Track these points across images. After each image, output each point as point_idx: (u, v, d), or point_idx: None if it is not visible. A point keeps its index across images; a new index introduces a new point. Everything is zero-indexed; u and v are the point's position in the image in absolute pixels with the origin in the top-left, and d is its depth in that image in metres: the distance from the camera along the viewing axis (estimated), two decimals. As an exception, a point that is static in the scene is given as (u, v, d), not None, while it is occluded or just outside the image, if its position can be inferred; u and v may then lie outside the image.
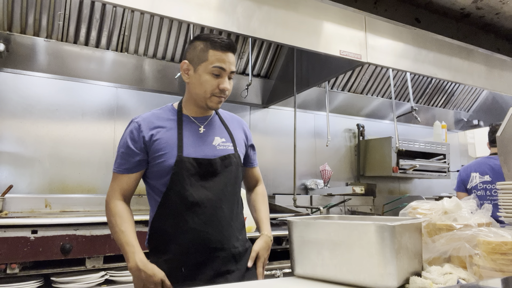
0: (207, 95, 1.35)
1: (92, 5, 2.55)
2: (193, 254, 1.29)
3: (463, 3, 1.77)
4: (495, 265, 0.98)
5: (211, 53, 1.32)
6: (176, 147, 1.33)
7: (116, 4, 1.63)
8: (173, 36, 2.89)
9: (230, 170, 1.39)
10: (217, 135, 1.44)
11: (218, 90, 1.34)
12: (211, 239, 1.29)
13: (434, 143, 4.01)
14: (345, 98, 3.96)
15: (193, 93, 1.38)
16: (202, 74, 1.33)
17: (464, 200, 1.25)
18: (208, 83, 1.33)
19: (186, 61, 1.38)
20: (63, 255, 1.85)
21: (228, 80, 1.36)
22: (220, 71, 1.33)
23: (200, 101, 1.38)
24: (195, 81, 1.36)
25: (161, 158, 1.32)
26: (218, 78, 1.34)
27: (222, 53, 1.33)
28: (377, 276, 0.94)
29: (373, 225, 0.96)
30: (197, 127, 1.42)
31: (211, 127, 1.45)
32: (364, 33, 2.28)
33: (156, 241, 1.35)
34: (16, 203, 2.42)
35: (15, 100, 2.56)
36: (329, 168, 3.64)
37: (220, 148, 1.42)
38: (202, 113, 1.44)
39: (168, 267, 1.28)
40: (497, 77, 2.86)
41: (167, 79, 3.02)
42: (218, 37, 1.34)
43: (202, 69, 1.33)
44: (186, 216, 1.29)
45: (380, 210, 3.75)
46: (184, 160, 1.31)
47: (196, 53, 1.35)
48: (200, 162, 1.34)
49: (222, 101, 1.39)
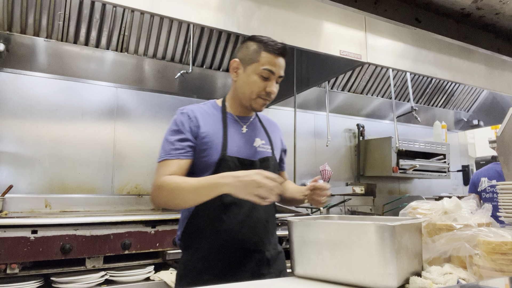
0: (253, 96, 1.36)
1: (92, 5, 2.55)
2: (228, 254, 1.29)
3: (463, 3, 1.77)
4: (495, 265, 0.98)
5: (264, 55, 1.33)
6: (221, 144, 1.33)
7: (116, 4, 1.63)
8: (173, 36, 2.89)
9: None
10: (258, 136, 1.46)
11: (265, 93, 1.35)
12: (245, 240, 1.30)
13: (434, 143, 4.01)
14: (345, 98, 3.96)
15: (239, 92, 1.39)
16: (251, 74, 1.34)
17: (464, 200, 1.26)
18: (256, 84, 1.34)
19: (236, 60, 1.39)
20: (63, 255, 1.85)
21: (275, 84, 1.37)
22: (269, 74, 1.33)
23: (245, 101, 1.38)
24: (243, 81, 1.37)
25: (205, 153, 1.32)
26: (266, 81, 1.34)
27: (274, 56, 1.33)
28: (377, 276, 0.94)
29: (373, 225, 0.96)
30: (240, 126, 1.43)
31: (253, 128, 1.46)
32: (364, 33, 2.28)
33: (191, 239, 1.34)
34: (16, 203, 2.42)
35: (15, 100, 2.56)
36: (329, 168, 3.64)
37: (260, 150, 1.43)
38: (245, 113, 1.45)
39: (202, 265, 1.29)
40: (497, 77, 2.86)
41: (167, 79, 3.02)
42: (272, 40, 1.35)
43: (252, 69, 1.34)
44: (222, 215, 1.29)
45: (380, 210, 3.75)
46: (227, 159, 1.31)
47: (248, 53, 1.36)
48: (242, 162, 1.34)
49: (266, 104, 1.40)
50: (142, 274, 2.04)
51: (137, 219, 2.08)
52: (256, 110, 1.41)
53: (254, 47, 1.35)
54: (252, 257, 1.31)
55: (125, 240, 2.01)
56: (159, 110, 3.05)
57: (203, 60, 3.12)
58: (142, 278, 2.04)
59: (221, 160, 1.30)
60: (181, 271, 1.37)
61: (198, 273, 1.30)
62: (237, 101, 1.43)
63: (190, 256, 1.33)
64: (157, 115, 3.03)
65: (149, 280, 2.05)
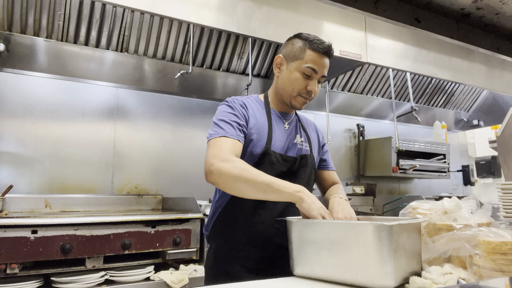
0: (293, 93, 1.36)
1: (92, 5, 2.55)
2: (260, 248, 1.29)
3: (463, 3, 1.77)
4: (495, 265, 0.97)
5: (308, 53, 1.32)
6: (266, 138, 1.33)
7: (116, 4, 1.63)
8: (173, 36, 2.89)
9: (305, 170, 1.41)
10: (298, 134, 1.47)
11: (305, 91, 1.35)
12: (279, 235, 1.28)
13: (434, 143, 4.01)
14: (345, 98, 3.96)
15: (281, 88, 1.39)
16: (294, 71, 1.34)
17: (464, 200, 1.26)
18: (297, 82, 1.34)
19: (281, 55, 1.39)
20: (63, 255, 1.85)
21: (317, 83, 1.37)
22: (312, 72, 1.33)
23: (286, 98, 1.39)
24: (285, 77, 1.37)
25: (251, 144, 1.31)
26: (308, 79, 1.34)
27: (319, 55, 1.33)
28: (374, 276, 0.94)
29: (370, 225, 0.96)
30: (282, 123, 1.43)
31: (293, 125, 1.47)
32: (364, 33, 2.28)
33: (223, 228, 1.34)
34: (16, 203, 2.42)
35: (15, 100, 2.56)
36: (329, 168, 3.63)
37: (299, 147, 1.44)
38: (286, 110, 1.46)
39: (232, 256, 1.29)
40: (497, 77, 2.86)
41: (167, 79, 3.02)
42: (319, 39, 1.34)
43: (295, 66, 1.34)
44: (259, 209, 1.29)
45: (380, 210, 3.75)
46: (270, 153, 1.31)
47: (293, 50, 1.35)
48: (285, 159, 1.35)
49: (306, 103, 1.40)
50: (142, 274, 2.04)
51: (137, 219, 2.08)
52: (295, 108, 1.42)
53: (299, 44, 1.35)
54: (284, 254, 1.30)
55: (125, 240, 2.01)
56: (159, 110, 3.05)
57: (203, 60, 3.12)
58: (142, 278, 2.04)
59: (264, 153, 1.30)
60: (210, 261, 1.36)
61: (228, 263, 1.30)
62: (278, 98, 1.43)
63: (220, 246, 1.33)
64: (157, 115, 3.03)
65: (149, 280, 2.05)
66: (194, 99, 3.20)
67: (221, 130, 1.26)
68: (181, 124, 3.11)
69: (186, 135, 3.13)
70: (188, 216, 2.23)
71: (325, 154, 1.60)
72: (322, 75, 1.36)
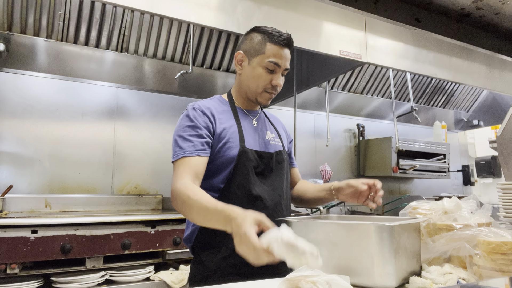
0: (259, 89, 1.32)
1: (92, 5, 2.55)
2: None
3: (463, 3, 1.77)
4: (495, 265, 0.97)
5: (269, 47, 1.29)
6: (238, 138, 1.29)
7: (116, 4, 1.63)
8: (173, 36, 2.89)
9: (282, 166, 1.37)
10: (268, 130, 1.43)
11: (271, 86, 1.32)
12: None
13: (434, 143, 4.01)
14: (345, 98, 3.96)
15: (245, 85, 1.35)
16: (257, 67, 1.30)
17: (464, 200, 1.26)
18: (261, 78, 1.30)
19: (241, 52, 1.34)
20: (63, 255, 1.85)
21: (281, 76, 1.33)
22: (275, 66, 1.29)
23: (251, 95, 1.35)
24: (248, 74, 1.33)
25: (224, 149, 1.27)
26: (272, 73, 1.31)
27: (280, 48, 1.29)
28: (376, 276, 0.94)
29: (371, 225, 0.96)
30: (250, 120, 1.40)
31: (261, 122, 1.43)
32: (364, 33, 2.28)
33: (209, 238, 1.27)
34: (16, 203, 2.42)
35: (15, 100, 2.56)
36: (329, 168, 3.63)
37: (272, 144, 1.40)
38: (252, 106, 1.42)
39: (227, 265, 1.23)
40: (497, 77, 2.86)
41: (167, 79, 3.02)
42: (277, 31, 1.30)
43: (257, 61, 1.30)
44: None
45: (380, 210, 3.75)
46: (247, 151, 1.27)
47: (253, 45, 1.31)
48: (261, 155, 1.31)
49: (272, 98, 1.36)
50: (142, 274, 2.04)
51: (137, 219, 2.08)
52: (262, 104, 1.38)
53: (258, 38, 1.31)
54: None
55: (125, 240, 2.01)
56: (159, 110, 3.05)
57: (203, 60, 3.12)
58: (142, 278, 2.04)
59: (241, 152, 1.26)
60: (200, 274, 1.27)
61: (222, 274, 1.23)
62: (243, 95, 1.39)
63: (211, 257, 1.25)
64: (157, 115, 3.03)
65: (149, 280, 2.05)
66: (194, 99, 3.20)
67: (180, 150, 1.23)
68: (181, 124, 3.11)
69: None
70: (188, 216, 2.23)
71: (291, 150, 1.57)
72: (285, 67, 1.32)
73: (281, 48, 1.29)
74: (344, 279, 0.84)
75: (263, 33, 1.31)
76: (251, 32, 1.35)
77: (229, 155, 1.26)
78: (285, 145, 1.47)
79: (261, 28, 1.32)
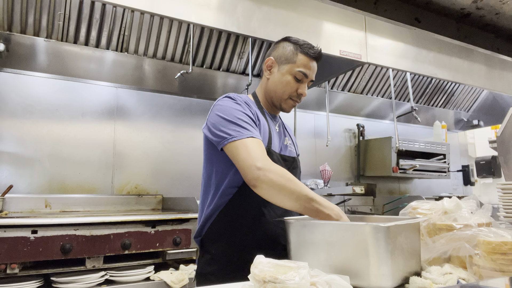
0: (284, 96, 1.37)
1: (92, 5, 2.54)
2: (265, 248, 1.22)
3: (463, 3, 1.77)
4: (495, 265, 0.97)
5: (300, 57, 1.35)
6: (268, 138, 1.32)
7: (116, 4, 1.63)
8: (173, 36, 2.89)
9: (296, 173, 1.41)
10: (286, 136, 1.48)
11: (296, 94, 1.37)
12: (284, 235, 1.24)
13: (434, 143, 4.01)
14: (345, 98, 3.96)
15: (272, 90, 1.39)
16: (286, 74, 1.35)
17: (464, 200, 1.26)
18: (289, 85, 1.35)
19: (271, 58, 1.40)
20: (63, 255, 1.85)
21: (306, 87, 1.39)
22: (303, 76, 1.35)
23: (276, 100, 1.39)
24: (276, 79, 1.37)
25: None
26: (299, 82, 1.36)
27: (310, 60, 1.35)
28: (371, 277, 0.94)
29: (367, 226, 0.96)
30: (274, 124, 1.44)
31: (282, 128, 1.49)
32: (364, 33, 2.28)
33: (224, 231, 1.28)
34: (16, 203, 2.42)
35: (15, 100, 2.56)
36: (329, 168, 3.63)
37: (289, 149, 1.45)
38: (274, 111, 1.47)
39: (238, 259, 1.24)
40: (497, 77, 2.86)
41: (167, 79, 3.02)
42: (308, 44, 1.37)
43: (287, 69, 1.35)
44: (263, 209, 1.27)
45: (380, 210, 3.75)
46: (272, 153, 1.31)
47: (285, 53, 1.37)
48: (284, 159, 1.36)
49: (295, 106, 1.42)
50: (142, 274, 2.04)
51: (137, 219, 2.08)
52: (284, 110, 1.43)
53: (290, 48, 1.37)
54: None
55: (125, 240, 2.01)
56: (159, 110, 3.05)
57: (203, 60, 3.12)
58: (142, 278, 2.04)
59: (267, 153, 1.26)
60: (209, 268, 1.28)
61: (233, 268, 1.24)
62: (268, 100, 1.43)
63: (223, 250, 1.26)
64: (157, 115, 3.03)
65: (149, 280, 2.05)
66: (194, 99, 3.20)
67: (245, 130, 1.19)
68: (181, 124, 3.11)
69: (186, 135, 3.13)
70: (188, 216, 2.23)
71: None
72: (311, 79, 1.38)
73: (311, 60, 1.36)
74: (344, 279, 0.84)
75: (295, 44, 1.37)
76: (283, 41, 1.41)
77: None
78: (297, 154, 1.53)
79: (293, 39, 1.39)
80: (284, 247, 1.26)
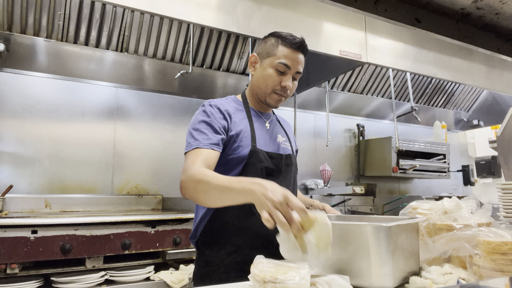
0: (268, 90, 1.35)
1: (92, 5, 2.55)
2: (258, 249, 1.23)
3: (463, 3, 1.77)
4: (495, 265, 0.97)
5: (280, 49, 1.32)
6: (250, 137, 1.31)
7: (116, 4, 1.63)
8: (173, 36, 2.89)
9: (290, 169, 1.40)
10: (279, 133, 1.46)
11: (280, 87, 1.34)
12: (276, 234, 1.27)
13: (434, 143, 4.01)
14: (345, 98, 3.96)
15: (255, 86, 1.38)
16: (267, 68, 1.33)
17: (464, 200, 1.26)
18: (271, 78, 1.33)
19: (254, 54, 1.39)
20: (63, 255, 1.85)
21: (292, 80, 1.35)
22: (285, 68, 1.32)
23: (261, 95, 1.38)
24: (259, 74, 1.36)
25: (235, 147, 1.29)
26: (282, 75, 1.33)
27: (292, 51, 1.32)
28: (372, 277, 0.93)
29: (368, 226, 0.96)
30: (263, 121, 1.43)
31: (274, 125, 1.47)
32: (364, 33, 2.28)
33: (216, 234, 1.29)
34: (16, 203, 2.42)
35: (15, 100, 2.56)
36: (329, 168, 3.63)
37: (283, 147, 1.42)
38: (265, 109, 1.46)
39: (230, 262, 1.25)
40: (497, 77, 2.86)
41: (167, 79, 3.02)
42: (291, 35, 1.34)
43: (267, 62, 1.33)
44: (253, 209, 1.25)
45: (380, 210, 3.75)
46: (257, 151, 1.29)
47: (266, 47, 1.35)
48: (271, 156, 1.34)
49: (282, 101, 1.39)
50: (142, 274, 2.04)
51: (137, 219, 2.08)
52: (271, 106, 1.40)
53: (272, 41, 1.35)
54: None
55: (125, 240, 2.01)
56: (159, 110, 3.05)
57: (203, 60, 3.12)
58: (142, 278, 2.04)
59: (252, 152, 1.28)
60: (204, 269, 1.29)
61: (226, 270, 1.25)
62: (254, 96, 1.42)
63: (215, 253, 1.27)
64: (157, 115, 3.03)
65: (149, 280, 2.05)
66: (194, 99, 3.20)
67: (194, 141, 1.24)
68: (181, 124, 3.11)
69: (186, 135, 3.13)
70: (188, 216, 2.23)
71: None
72: (296, 71, 1.34)
73: (292, 51, 1.32)
74: (344, 279, 0.84)
75: (277, 37, 1.34)
76: (267, 37, 1.39)
77: (240, 154, 1.28)
78: (293, 150, 1.51)
79: (276, 33, 1.37)
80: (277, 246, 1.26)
